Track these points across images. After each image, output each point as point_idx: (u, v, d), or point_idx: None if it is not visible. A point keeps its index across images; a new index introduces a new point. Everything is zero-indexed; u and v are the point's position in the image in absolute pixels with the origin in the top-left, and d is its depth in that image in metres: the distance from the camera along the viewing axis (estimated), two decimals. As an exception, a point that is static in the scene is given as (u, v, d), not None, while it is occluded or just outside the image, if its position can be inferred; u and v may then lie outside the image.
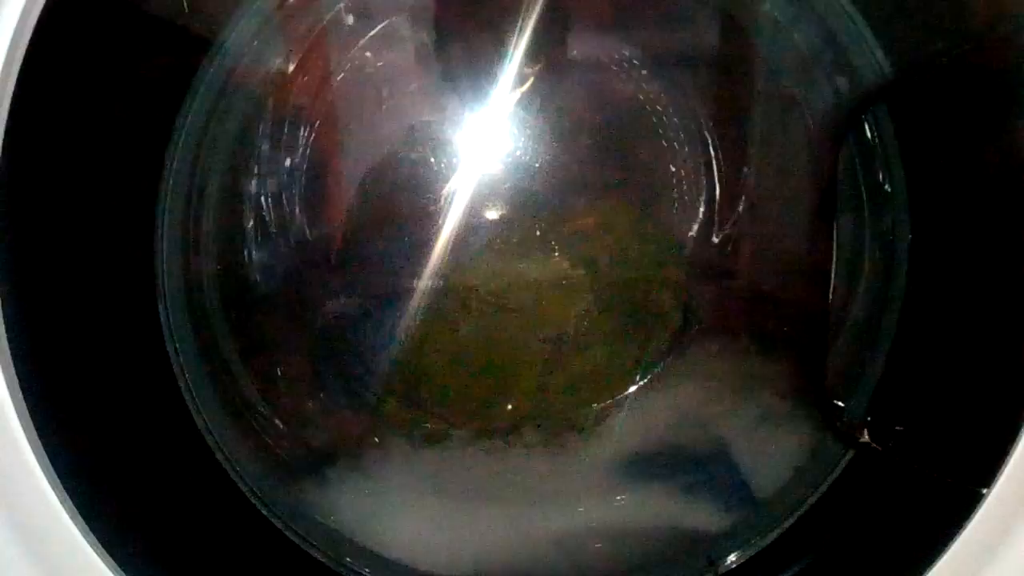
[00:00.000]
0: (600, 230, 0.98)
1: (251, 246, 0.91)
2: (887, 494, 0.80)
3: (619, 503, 0.92)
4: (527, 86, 0.92)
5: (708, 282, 1.02)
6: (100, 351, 0.72)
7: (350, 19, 0.91)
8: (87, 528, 0.62)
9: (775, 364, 0.96)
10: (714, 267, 1.01)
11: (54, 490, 0.61)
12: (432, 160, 0.92)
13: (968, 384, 0.75)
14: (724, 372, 0.97)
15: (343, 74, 0.93)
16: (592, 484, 0.94)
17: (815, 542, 0.82)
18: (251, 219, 0.90)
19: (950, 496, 0.69)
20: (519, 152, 0.93)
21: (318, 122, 0.92)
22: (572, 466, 0.96)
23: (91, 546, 0.62)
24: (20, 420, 0.60)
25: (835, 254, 0.87)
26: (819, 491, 0.84)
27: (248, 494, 0.81)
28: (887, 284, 0.86)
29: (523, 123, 0.93)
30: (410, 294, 0.93)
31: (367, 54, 0.92)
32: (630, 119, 0.99)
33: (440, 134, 0.93)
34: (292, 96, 0.91)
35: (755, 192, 0.98)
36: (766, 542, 0.84)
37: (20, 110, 0.57)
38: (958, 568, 0.66)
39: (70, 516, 0.61)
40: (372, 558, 0.85)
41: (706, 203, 0.98)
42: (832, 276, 0.87)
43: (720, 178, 0.97)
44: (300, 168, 0.92)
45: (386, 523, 0.87)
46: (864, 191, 0.88)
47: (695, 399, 0.98)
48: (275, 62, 0.86)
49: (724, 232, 0.98)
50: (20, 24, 0.57)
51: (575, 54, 0.97)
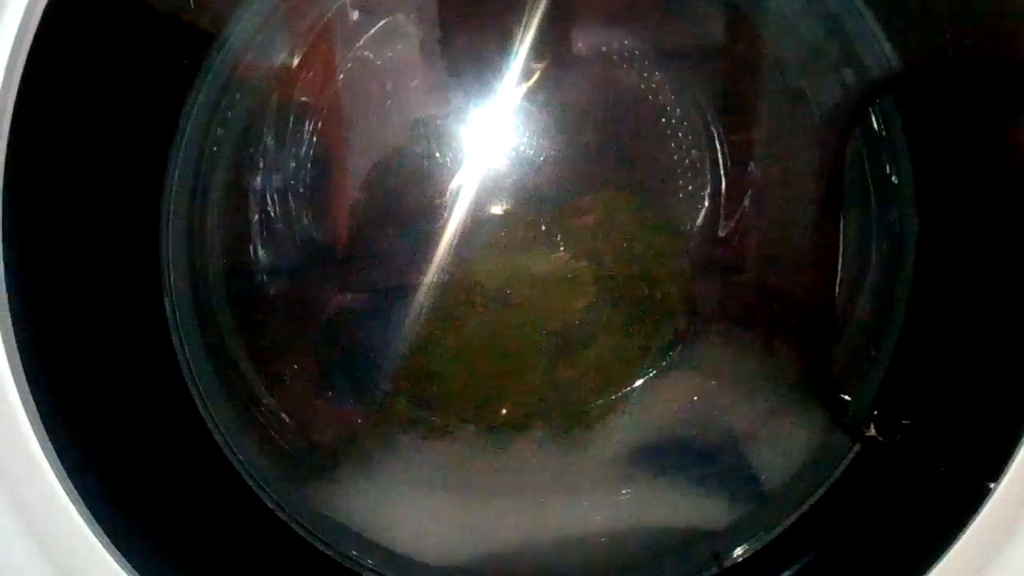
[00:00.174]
0: (605, 224, 0.98)
1: (256, 241, 0.91)
2: (894, 488, 0.80)
3: (625, 497, 0.92)
4: (532, 81, 0.91)
5: (714, 275, 1.02)
6: (106, 347, 0.72)
7: (355, 14, 0.90)
8: (93, 519, 0.62)
9: (781, 357, 0.96)
10: (720, 260, 1.00)
11: (61, 484, 0.61)
12: (437, 155, 0.92)
13: (975, 378, 0.75)
14: (729, 365, 0.97)
15: (348, 69, 0.92)
16: (598, 478, 0.94)
17: (821, 536, 0.82)
18: (256, 214, 0.90)
19: (957, 491, 0.69)
20: (524, 147, 0.93)
21: (323, 117, 0.92)
22: (578, 460, 0.96)
23: (96, 537, 0.62)
24: (28, 415, 0.60)
25: (842, 247, 0.87)
26: (825, 485, 0.84)
27: (255, 487, 0.81)
28: (894, 277, 0.85)
29: (528, 118, 0.93)
30: (415, 289, 0.93)
31: (372, 49, 0.92)
32: (635, 113, 0.98)
33: (445, 129, 0.93)
34: (297, 91, 0.91)
35: (761, 185, 0.97)
36: (772, 536, 0.84)
37: (24, 107, 0.58)
38: (965, 562, 0.66)
39: (77, 509, 0.62)
40: (379, 551, 0.85)
41: (711, 196, 0.97)
42: (839, 269, 0.87)
43: (726, 171, 0.97)
44: (305, 163, 0.92)
45: (393, 517, 0.87)
46: (871, 184, 0.87)
47: (701, 393, 0.97)
48: (279, 57, 0.86)
49: (730, 225, 0.98)
50: (25, 19, 0.57)
51: (580, 48, 0.97)
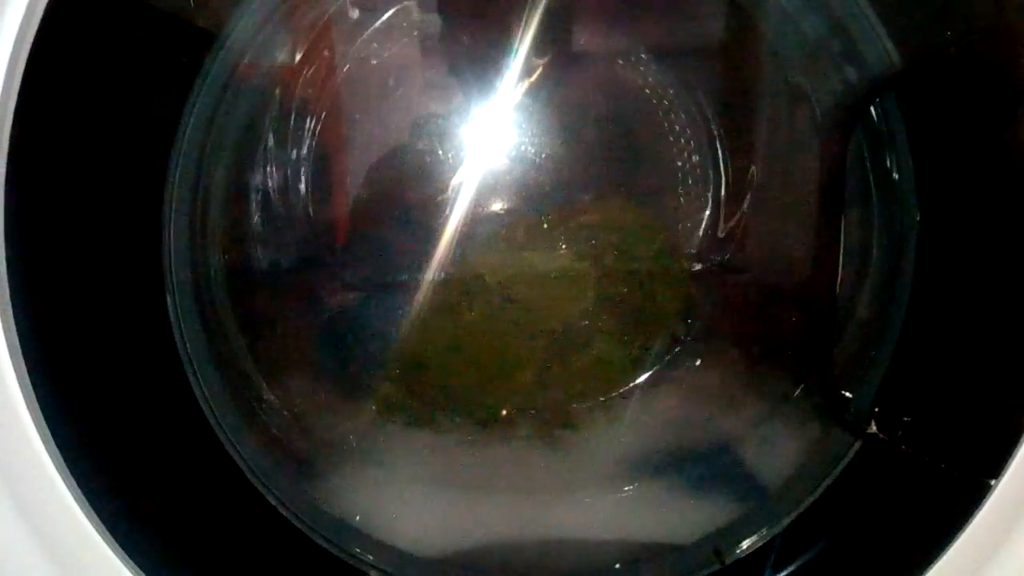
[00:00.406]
0: (605, 224, 0.98)
1: (258, 238, 0.91)
2: (895, 485, 0.80)
3: (626, 494, 0.92)
4: (533, 79, 0.91)
5: (714, 275, 1.02)
6: (109, 344, 0.72)
7: (355, 12, 0.91)
8: (96, 516, 0.63)
9: (782, 356, 0.96)
10: (720, 259, 1.00)
11: (64, 482, 0.62)
12: (438, 152, 0.92)
13: (976, 375, 0.75)
14: (731, 364, 0.97)
15: (348, 66, 0.93)
16: (599, 475, 0.94)
17: (822, 533, 0.82)
18: (257, 211, 0.91)
19: (958, 487, 0.69)
20: (525, 145, 0.93)
21: (324, 114, 0.93)
22: (579, 457, 0.96)
23: (99, 534, 0.63)
24: (30, 412, 0.60)
25: (843, 245, 0.87)
26: (826, 482, 0.84)
27: (256, 484, 0.82)
28: (895, 274, 0.85)
29: (529, 116, 0.93)
30: (415, 286, 0.93)
31: (372, 46, 0.92)
32: (636, 112, 0.98)
33: (446, 126, 0.93)
34: (298, 88, 0.91)
35: (762, 184, 0.97)
36: (773, 533, 0.84)
37: (27, 106, 0.58)
38: (966, 559, 0.66)
39: (80, 507, 0.62)
40: (380, 547, 0.85)
41: (712, 196, 0.97)
42: (840, 267, 0.87)
43: (727, 171, 0.97)
44: (306, 160, 0.93)
45: (393, 512, 0.87)
46: (872, 181, 0.87)
47: (703, 391, 0.97)
48: (280, 55, 0.87)
49: (731, 224, 0.98)
50: (26, 19, 0.57)
51: (582, 46, 0.97)
